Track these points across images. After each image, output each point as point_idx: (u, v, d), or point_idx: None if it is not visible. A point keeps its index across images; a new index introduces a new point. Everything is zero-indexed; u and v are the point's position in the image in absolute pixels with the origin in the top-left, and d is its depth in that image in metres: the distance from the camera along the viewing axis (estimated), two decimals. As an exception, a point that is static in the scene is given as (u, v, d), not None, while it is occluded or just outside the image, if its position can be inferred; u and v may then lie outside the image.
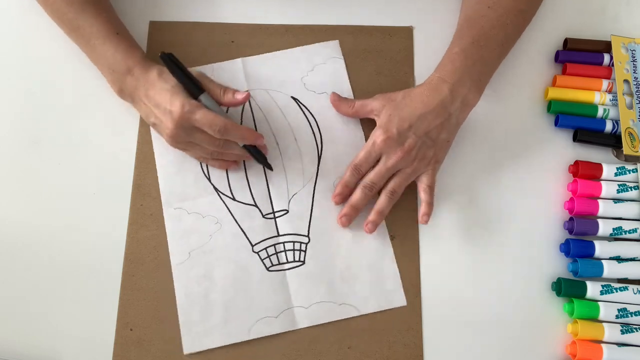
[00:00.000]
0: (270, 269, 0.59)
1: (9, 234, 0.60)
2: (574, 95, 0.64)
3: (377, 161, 0.59)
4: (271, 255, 0.59)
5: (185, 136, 0.56)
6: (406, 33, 0.67)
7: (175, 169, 0.61)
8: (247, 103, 0.63)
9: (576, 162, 0.62)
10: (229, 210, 0.60)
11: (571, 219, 0.60)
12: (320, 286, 0.58)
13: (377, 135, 0.58)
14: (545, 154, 0.63)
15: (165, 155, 0.61)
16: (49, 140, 0.63)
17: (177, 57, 0.57)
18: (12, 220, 0.60)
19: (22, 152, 0.62)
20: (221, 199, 0.60)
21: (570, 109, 0.64)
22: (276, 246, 0.59)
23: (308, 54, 0.66)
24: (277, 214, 0.60)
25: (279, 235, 0.60)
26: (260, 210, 0.60)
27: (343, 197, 0.59)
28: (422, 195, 0.59)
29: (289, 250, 0.59)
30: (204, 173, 0.61)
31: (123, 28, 0.61)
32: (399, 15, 0.68)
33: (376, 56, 0.66)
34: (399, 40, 0.67)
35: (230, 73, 0.64)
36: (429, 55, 0.63)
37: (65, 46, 0.63)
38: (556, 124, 0.64)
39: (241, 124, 0.62)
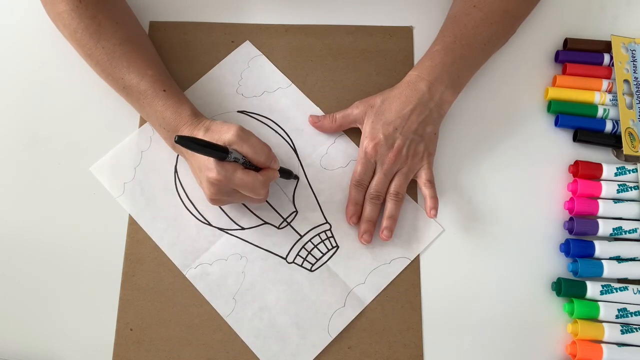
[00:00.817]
0: (312, 269, 0.59)
1: (8, 234, 0.60)
2: (574, 95, 0.64)
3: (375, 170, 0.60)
4: (306, 257, 0.59)
5: (225, 199, 0.56)
6: (406, 33, 0.67)
7: (173, 233, 0.59)
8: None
9: (576, 162, 0.62)
10: (246, 241, 0.59)
11: (571, 219, 0.60)
12: (362, 257, 0.59)
13: (366, 145, 0.59)
14: (545, 154, 0.63)
15: (152, 225, 0.60)
16: (49, 140, 0.63)
17: (177, 57, 0.56)
18: (12, 220, 0.60)
19: (21, 152, 0.62)
20: (231, 234, 0.60)
21: (570, 109, 0.64)
22: (305, 247, 0.59)
23: (229, 66, 0.65)
24: (288, 219, 0.60)
25: (302, 236, 0.60)
26: (272, 225, 0.60)
27: (357, 215, 0.60)
28: (425, 190, 0.59)
29: (318, 244, 0.59)
30: (201, 222, 0.60)
31: (170, 83, 0.59)
32: (399, 15, 0.68)
33: (376, 56, 0.66)
34: (399, 40, 0.67)
35: None
36: (429, 55, 0.63)
37: (65, 46, 0.62)
38: (556, 124, 0.64)
39: None
